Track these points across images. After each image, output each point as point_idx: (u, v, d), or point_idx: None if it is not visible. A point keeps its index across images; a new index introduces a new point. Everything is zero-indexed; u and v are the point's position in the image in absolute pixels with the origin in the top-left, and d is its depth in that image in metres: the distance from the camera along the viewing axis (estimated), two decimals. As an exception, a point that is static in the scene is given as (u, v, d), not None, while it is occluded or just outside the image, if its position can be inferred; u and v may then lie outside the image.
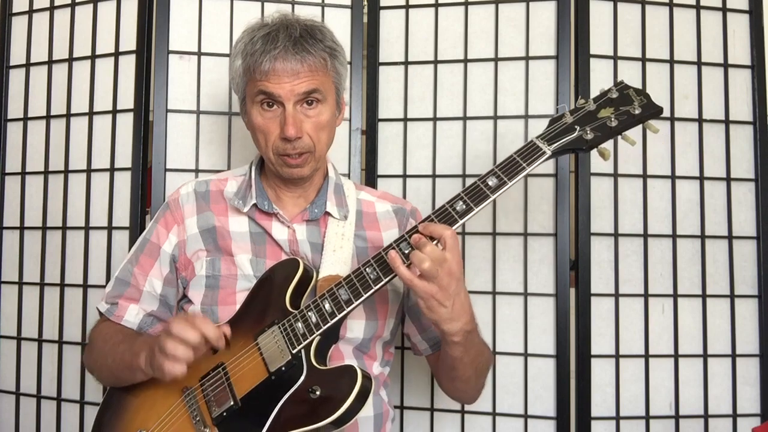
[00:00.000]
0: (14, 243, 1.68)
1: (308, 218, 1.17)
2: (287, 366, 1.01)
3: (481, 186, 0.99)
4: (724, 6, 1.61)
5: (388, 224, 1.22)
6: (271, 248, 1.16)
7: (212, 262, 1.15)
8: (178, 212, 1.20)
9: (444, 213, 0.99)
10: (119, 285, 1.20)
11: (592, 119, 1.01)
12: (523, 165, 0.99)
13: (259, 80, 1.08)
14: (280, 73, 1.07)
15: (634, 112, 1.00)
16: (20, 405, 1.66)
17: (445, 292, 0.96)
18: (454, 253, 0.96)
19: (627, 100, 1.01)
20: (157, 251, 1.19)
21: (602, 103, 1.02)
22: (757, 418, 1.54)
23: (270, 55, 1.06)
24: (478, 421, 1.56)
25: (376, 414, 1.16)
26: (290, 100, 1.08)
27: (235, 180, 1.23)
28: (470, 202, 0.99)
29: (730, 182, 1.58)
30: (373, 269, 1.01)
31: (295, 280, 1.07)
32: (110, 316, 1.19)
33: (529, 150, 1.00)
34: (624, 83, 1.04)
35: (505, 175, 0.99)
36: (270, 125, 1.10)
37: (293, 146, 1.10)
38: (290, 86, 1.07)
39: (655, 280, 1.55)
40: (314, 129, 1.11)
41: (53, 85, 1.66)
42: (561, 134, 1.01)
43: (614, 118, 1.00)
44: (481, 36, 1.61)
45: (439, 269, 0.94)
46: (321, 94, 1.11)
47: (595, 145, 1.00)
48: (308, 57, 1.08)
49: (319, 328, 1.01)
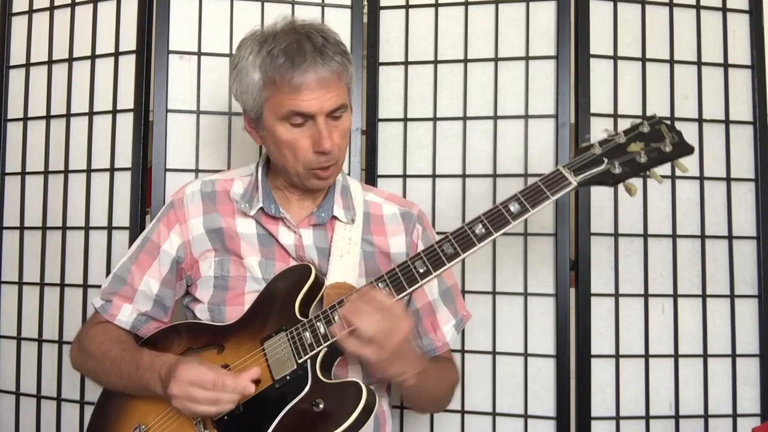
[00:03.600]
0: (14, 243, 1.68)
1: (315, 222, 1.16)
2: (292, 375, 1.00)
3: (502, 211, 0.99)
4: (724, 6, 1.61)
5: (395, 229, 1.21)
6: (279, 252, 1.15)
7: (221, 262, 1.15)
8: (182, 211, 1.18)
9: (463, 235, 0.99)
10: (116, 282, 1.19)
11: (621, 153, 0.99)
12: (548, 194, 0.98)
13: (288, 96, 1.04)
14: (313, 86, 1.03)
15: (665, 150, 0.97)
16: (20, 405, 1.66)
17: (395, 356, 0.98)
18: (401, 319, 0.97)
19: (658, 137, 0.99)
20: (156, 250, 1.18)
21: (632, 137, 0.99)
22: (757, 418, 1.54)
23: (300, 68, 1.02)
24: (478, 421, 1.56)
25: (376, 415, 1.15)
26: (321, 114, 1.05)
27: (241, 181, 1.21)
28: (490, 226, 0.98)
29: (730, 182, 1.58)
30: (386, 284, 1.00)
31: (306, 287, 1.06)
32: (104, 313, 1.17)
33: (555, 179, 0.99)
34: (657, 117, 1.02)
35: (528, 203, 0.98)
36: (300, 140, 1.07)
37: (327, 159, 1.08)
38: (321, 101, 1.04)
39: (655, 280, 1.55)
40: (341, 138, 1.10)
41: (53, 85, 1.66)
42: (588, 166, 0.99)
43: (644, 154, 0.97)
44: (481, 36, 1.61)
45: (387, 339, 0.95)
46: (344, 106, 1.09)
47: (622, 180, 0.98)
48: (335, 66, 1.05)
49: (327, 340, 1.00)
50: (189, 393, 0.96)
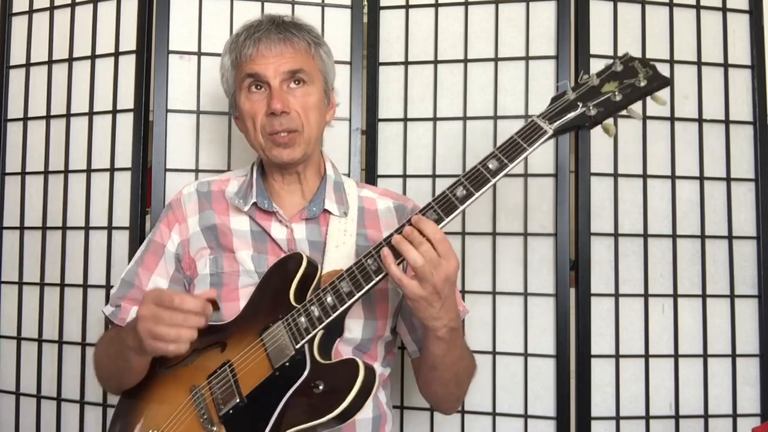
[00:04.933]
0: (14, 243, 1.68)
1: (307, 217, 1.17)
2: (291, 361, 1.00)
3: (481, 170, 0.97)
4: (724, 6, 1.61)
5: (389, 222, 1.22)
6: (272, 246, 1.16)
7: (215, 259, 1.16)
8: (180, 211, 1.21)
9: (444, 199, 0.97)
10: (123, 286, 1.20)
11: (595, 95, 0.96)
12: (524, 146, 0.96)
13: (244, 63, 1.11)
14: (265, 53, 1.09)
15: (639, 85, 0.95)
16: (20, 405, 1.66)
17: (436, 296, 0.95)
18: (450, 256, 0.94)
19: (632, 73, 0.96)
20: (161, 250, 1.19)
21: (606, 78, 0.97)
22: (757, 418, 1.54)
23: (254, 37, 1.10)
24: (478, 421, 1.56)
25: (375, 416, 1.16)
26: (276, 77, 1.10)
27: (237, 180, 1.24)
28: (471, 187, 0.96)
29: (730, 182, 1.58)
30: (374, 260, 0.99)
31: (299, 274, 1.07)
32: (114, 319, 1.19)
33: (530, 130, 0.97)
34: (629, 55, 0.98)
35: (506, 157, 0.96)
36: (257, 107, 1.11)
37: (280, 122, 1.10)
38: (275, 64, 1.09)
39: (655, 280, 1.55)
40: (302, 108, 1.12)
41: (53, 85, 1.66)
42: (563, 112, 0.97)
43: (618, 92, 0.95)
44: (481, 36, 1.61)
45: (434, 272, 0.92)
46: (307, 75, 1.12)
47: (598, 121, 0.96)
48: (293, 38, 1.11)
49: (321, 322, 1.00)
50: (155, 313, 0.95)
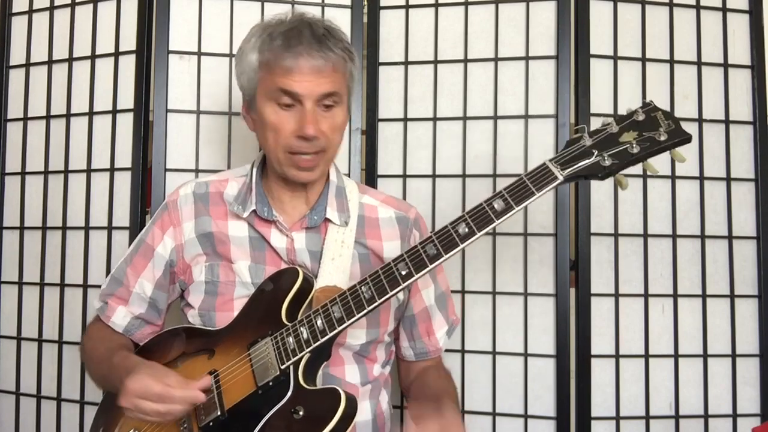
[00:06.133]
0: (14, 243, 1.68)
1: (308, 225, 1.14)
2: (274, 381, 0.98)
3: (486, 209, 0.94)
4: (724, 6, 1.61)
5: (390, 233, 1.19)
6: (271, 255, 1.14)
7: (211, 267, 1.14)
8: (176, 214, 1.18)
9: (446, 235, 0.95)
10: (112, 283, 1.20)
11: (612, 144, 0.92)
12: (533, 190, 0.92)
13: (279, 76, 1.04)
14: (304, 70, 1.03)
15: (659, 139, 0.91)
16: (20, 405, 1.66)
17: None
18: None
19: (653, 125, 0.92)
20: (150, 253, 1.18)
21: (626, 126, 0.93)
22: (757, 418, 1.54)
23: (293, 51, 1.03)
24: (478, 421, 1.56)
25: (374, 417, 1.16)
26: (311, 98, 1.05)
27: (236, 181, 1.20)
28: (474, 226, 0.94)
29: (730, 182, 1.58)
30: (368, 288, 0.97)
31: (293, 291, 1.04)
32: (101, 314, 1.19)
33: (541, 174, 0.93)
34: (653, 105, 0.95)
35: (513, 200, 0.93)
36: (284, 122, 1.06)
37: (308, 146, 1.07)
38: (312, 84, 1.04)
39: (655, 280, 1.55)
40: (330, 129, 1.08)
41: (53, 85, 1.66)
42: (576, 158, 0.92)
43: (636, 144, 0.91)
44: (481, 36, 1.61)
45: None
46: (339, 97, 1.08)
47: (612, 173, 0.92)
48: (331, 56, 1.05)
49: (309, 345, 0.98)
50: (137, 405, 0.95)
